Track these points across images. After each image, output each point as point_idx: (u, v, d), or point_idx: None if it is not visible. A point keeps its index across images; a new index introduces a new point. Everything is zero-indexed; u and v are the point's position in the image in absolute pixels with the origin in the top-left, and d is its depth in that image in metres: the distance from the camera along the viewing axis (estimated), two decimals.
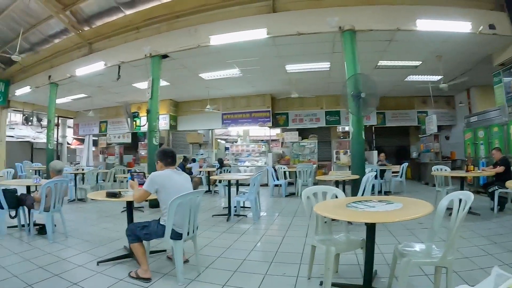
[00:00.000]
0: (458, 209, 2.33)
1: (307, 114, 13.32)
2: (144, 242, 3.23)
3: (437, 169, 7.11)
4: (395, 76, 10.06)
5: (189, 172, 10.99)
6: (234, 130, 15.94)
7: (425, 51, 7.88)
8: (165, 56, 7.89)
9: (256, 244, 4.45)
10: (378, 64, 8.81)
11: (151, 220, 3.26)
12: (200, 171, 11.39)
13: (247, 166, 12.55)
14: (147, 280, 3.06)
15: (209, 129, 14.97)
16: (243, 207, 6.89)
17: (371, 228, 2.43)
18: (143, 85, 8.73)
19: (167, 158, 3.34)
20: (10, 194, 4.90)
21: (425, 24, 6.44)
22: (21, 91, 12.12)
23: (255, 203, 6.05)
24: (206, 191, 10.21)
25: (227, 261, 3.64)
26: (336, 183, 5.94)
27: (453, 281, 2.32)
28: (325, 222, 3.04)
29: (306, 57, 8.40)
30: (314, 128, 13.64)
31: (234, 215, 6.12)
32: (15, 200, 4.94)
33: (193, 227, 3.23)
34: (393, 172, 9.49)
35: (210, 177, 8.57)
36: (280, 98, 13.18)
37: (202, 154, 14.32)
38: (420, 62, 8.76)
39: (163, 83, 9.34)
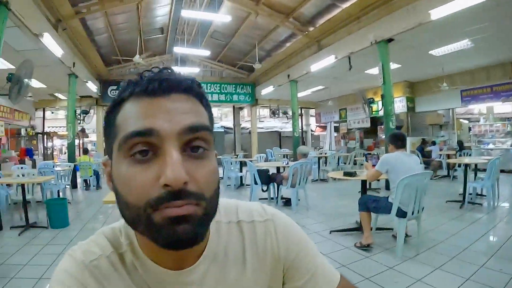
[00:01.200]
0: None
1: None
2: (372, 215, 3.65)
3: None
4: None
5: (428, 155, 10.58)
6: (476, 108, 13.68)
7: None
8: (390, 40, 7.79)
9: (483, 235, 4.07)
10: None
11: (382, 196, 3.65)
12: (440, 155, 10.60)
13: (491, 149, 10.68)
14: (369, 246, 3.49)
15: (449, 109, 13.43)
16: (480, 194, 6.17)
17: None
18: (375, 70, 8.92)
19: (397, 141, 3.62)
20: (263, 173, 6.40)
21: None
22: (266, 90, 14.76)
23: (491, 190, 5.35)
24: (445, 176, 9.55)
25: (448, 247, 3.58)
26: None
27: None
28: None
29: None
30: None
31: (469, 202, 5.60)
32: (267, 178, 6.39)
33: (418, 207, 3.36)
34: None
35: (447, 161, 7.98)
36: None
37: (442, 136, 13.19)
38: None
39: (394, 66, 9.24)
